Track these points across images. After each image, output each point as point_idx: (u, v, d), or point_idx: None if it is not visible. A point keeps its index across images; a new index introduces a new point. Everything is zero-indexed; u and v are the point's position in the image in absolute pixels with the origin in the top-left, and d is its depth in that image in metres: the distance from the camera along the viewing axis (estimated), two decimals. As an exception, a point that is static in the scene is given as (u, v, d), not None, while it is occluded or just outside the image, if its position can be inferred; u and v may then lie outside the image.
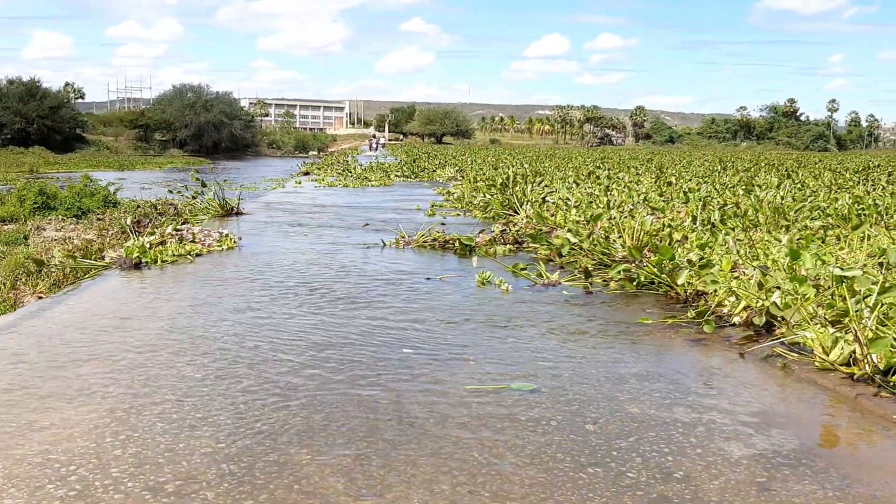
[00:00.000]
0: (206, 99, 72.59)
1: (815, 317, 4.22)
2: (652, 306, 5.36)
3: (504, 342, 4.35)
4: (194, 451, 2.76)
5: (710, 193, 11.83)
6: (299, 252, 7.60)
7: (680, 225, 8.12)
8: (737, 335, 4.49)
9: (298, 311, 5.03)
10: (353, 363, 3.87)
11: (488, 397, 3.40)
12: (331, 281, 6.08)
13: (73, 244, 9.06)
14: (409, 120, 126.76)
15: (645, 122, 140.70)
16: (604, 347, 4.31)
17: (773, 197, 10.81)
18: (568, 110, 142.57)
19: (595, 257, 6.83)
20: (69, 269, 6.89)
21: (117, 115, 77.84)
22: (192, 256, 7.12)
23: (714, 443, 2.95)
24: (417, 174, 23.41)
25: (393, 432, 2.98)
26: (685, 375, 3.81)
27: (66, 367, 3.73)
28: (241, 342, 4.23)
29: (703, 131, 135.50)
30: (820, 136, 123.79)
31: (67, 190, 15.48)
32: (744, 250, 6.43)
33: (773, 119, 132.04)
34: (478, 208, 11.74)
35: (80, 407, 3.17)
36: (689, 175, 19.32)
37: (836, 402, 3.45)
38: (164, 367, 3.73)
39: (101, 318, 4.77)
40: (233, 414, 3.12)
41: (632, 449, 2.88)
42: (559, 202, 10.53)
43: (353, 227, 9.82)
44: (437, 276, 6.37)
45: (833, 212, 9.02)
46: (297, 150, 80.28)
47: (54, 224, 13.18)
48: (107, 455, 2.71)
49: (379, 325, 4.69)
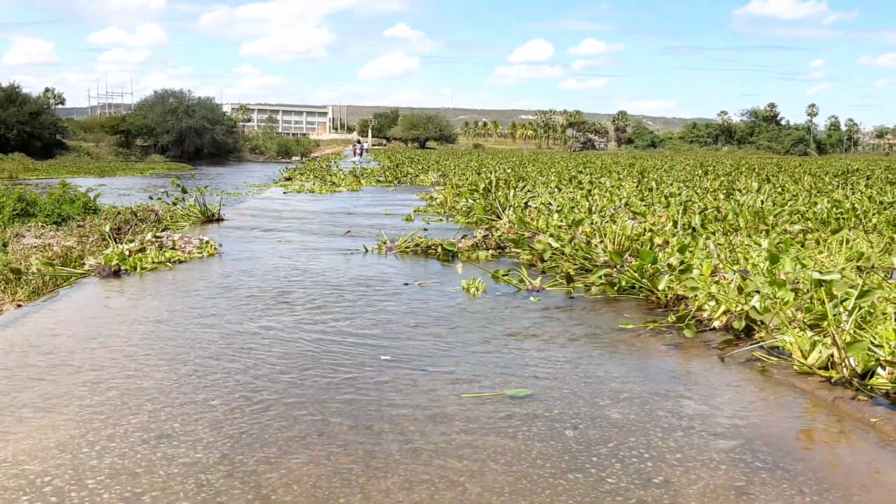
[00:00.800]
0: (188, 104, 72.27)
1: (794, 321, 4.25)
2: (633, 311, 5.38)
3: (485, 347, 4.35)
4: (172, 461, 2.73)
5: (690, 198, 11.90)
6: (280, 259, 7.57)
7: (661, 229, 8.16)
8: (717, 339, 4.51)
9: (279, 319, 5.00)
10: (333, 370, 3.85)
11: (468, 404, 3.39)
12: (312, 288, 6.06)
13: (52, 251, 8.97)
14: (392, 125, 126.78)
15: (627, 127, 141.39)
16: (584, 352, 4.31)
17: (753, 201, 10.89)
18: (551, 115, 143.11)
19: (577, 262, 6.85)
20: (48, 277, 6.83)
21: (98, 120, 77.27)
22: (172, 263, 7.07)
23: (693, 447, 2.96)
24: (400, 179, 23.41)
25: (371, 442, 2.96)
26: (665, 380, 3.82)
27: (43, 376, 3.69)
28: (221, 351, 4.20)
29: (684, 136, 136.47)
30: (800, 140, 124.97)
31: (47, 196, 15.34)
32: (724, 254, 6.47)
33: (754, 124, 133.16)
34: (461, 213, 11.74)
35: (57, 417, 3.13)
36: (671, 179, 19.44)
37: (814, 406, 3.48)
38: (141, 377, 3.70)
39: (78, 327, 4.72)
40: (211, 424, 3.10)
41: (612, 454, 2.88)
42: (541, 207, 10.55)
43: (334, 233, 9.80)
44: (415, 282, 6.36)
45: (812, 216, 9.10)
46: (279, 155, 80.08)
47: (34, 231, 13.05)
48: (83, 465, 2.68)
49: (356, 331, 4.67)
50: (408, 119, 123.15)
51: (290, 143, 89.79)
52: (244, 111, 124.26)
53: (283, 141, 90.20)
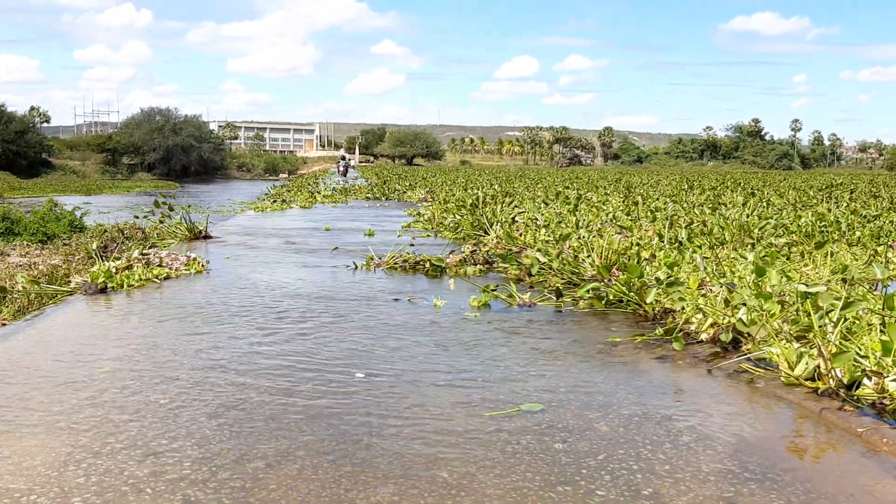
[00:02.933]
0: (174, 122, 72.23)
1: (781, 332, 4.28)
2: (621, 324, 5.39)
3: (473, 361, 4.35)
4: (159, 477, 2.71)
5: (676, 212, 11.97)
6: (268, 275, 7.56)
7: (648, 243, 8.20)
8: (704, 352, 4.53)
9: (266, 336, 4.99)
10: (320, 387, 3.84)
11: (456, 417, 3.39)
12: (300, 304, 6.04)
13: (38, 270, 8.91)
14: (379, 142, 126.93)
15: (613, 143, 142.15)
16: (573, 366, 4.32)
17: (739, 215, 10.97)
18: (537, 131, 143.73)
19: (565, 276, 6.87)
20: (34, 295, 6.78)
21: (84, 139, 77.10)
22: (159, 280, 7.04)
23: (682, 459, 2.96)
24: (388, 196, 23.46)
25: (362, 453, 2.95)
26: (654, 393, 3.84)
27: (29, 393, 3.66)
28: (207, 368, 4.18)
29: (670, 151, 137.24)
30: (784, 155, 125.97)
31: (32, 215, 15.26)
32: (711, 268, 6.51)
33: (739, 138, 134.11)
34: (448, 229, 11.76)
35: (43, 435, 3.11)
36: (657, 194, 19.55)
37: (801, 417, 3.49)
38: (128, 394, 3.68)
39: (63, 345, 4.69)
40: (198, 440, 3.08)
41: (601, 467, 2.88)
42: (528, 222, 10.59)
43: (322, 249, 9.79)
44: (405, 297, 6.36)
45: (797, 229, 9.17)
46: (267, 172, 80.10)
47: (19, 250, 12.95)
48: (69, 483, 2.65)
49: (346, 347, 4.66)
50: (395, 136, 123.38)
51: (277, 160, 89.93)
52: (231, 129, 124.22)
53: (271, 158, 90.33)
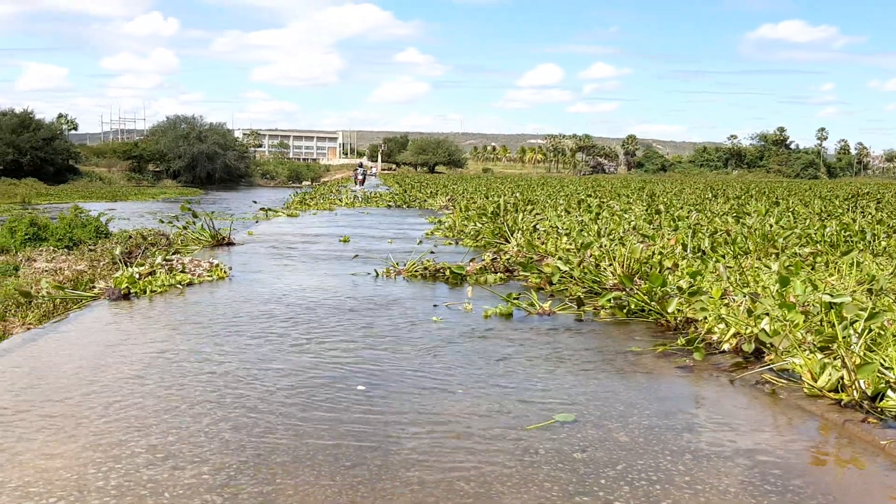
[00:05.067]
0: (199, 130, 72.88)
1: (804, 343, 4.22)
2: (642, 334, 5.36)
3: (494, 370, 4.34)
4: (177, 481, 2.73)
5: (699, 221, 11.88)
6: (290, 282, 7.59)
7: (670, 252, 8.15)
8: (726, 362, 4.49)
9: (286, 342, 5.01)
10: (343, 397, 3.85)
11: (474, 426, 3.38)
12: (321, 312, 6.06)
13: (63, 275, 9.02)
14: (401, 150, 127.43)
15: (637, 151, 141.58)
16: (593, 375, 4.29)
17: (763, 224, 10.86)
18: (560, 139, 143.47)
19: (585, 285, 6.84)
20: (59, 300, 6.86)
21: (111, 146, 77.99)
22: (182, 286, 7.10)
23: (702, 470, 2.93)
24: (409, 203, 23.52)
25: (379, 461, 2.95)
26: (674, 403, 3.80)
27: (50, 398, 3.69)
28: (228, 375, 4.20)
29: (694, 159, 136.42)
30: (810, 164, 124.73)
31: (59, 221, 15.45)
32: (734, 277, 6.44)
33: (764, 147, 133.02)
34: (469, 237, 11.75)
35: (63, 438, 3.14)
36: (680, 203, 19.42)
37: (824, 429, 3.45)
38: (148, 399, 3.71)
39: (85, 349, 4.74)
40: (217, 445, 3.09)
41: (620, 477, 2.86)
42: (550, 230, 10.55)
43: (343, 256, 9.81)
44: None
45: (822, 238, 9.06)
46: (290, 180, 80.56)
47: (45, 255, 13.12)
48: (88, 486, 2.67)
49: (364, 353, 4.67)
50: (417, 144, 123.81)
51: (300, 168, 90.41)
52: (255, 136, 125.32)
53: (294, 166, 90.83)
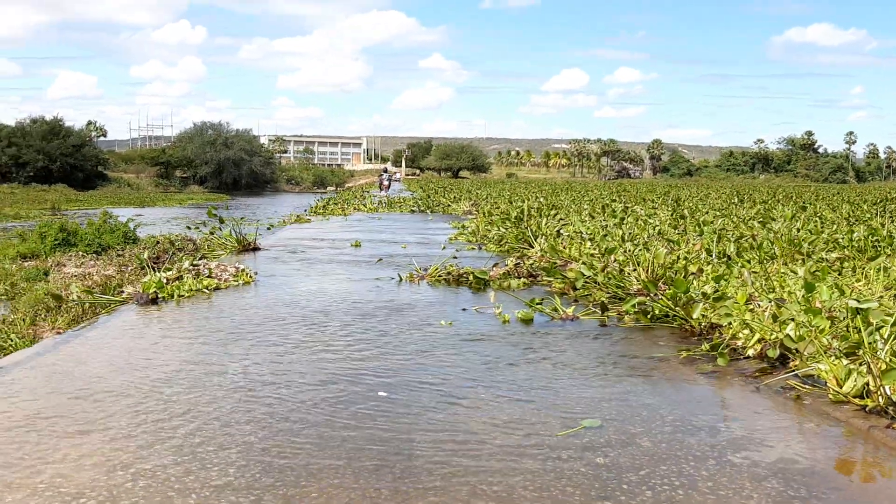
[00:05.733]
0: (226, 136, 73.57)
1: (829, 349, 4.19)
2: (666, 339, 5.34)
3: (516, 374, 4.35)
4: (204, 483, 2.77)
5: (724, 226, 11.79)
6: (315, 287, 7.65)
7: (695, 258, 8.10)
8: (751, 368, 4.46)
9: (310, 346, 5.05)
10: (366, 401, 3.88)
11: (497, 431, 3.39)
12: (345, 317, 6.11)
13: (92, 280, 9.16)
14: (426, 155, 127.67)
15: (662, 155, 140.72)
16: (616, 380, 4.29)
17: (789, 229, 10.76)
18: (584, 144, 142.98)
19: (609, 290, 6.82)
20: (88, 305, 6.97)
21: (139, 152, 78.96)
22: (209, 291, 7.18)
23: (725, 476, 2.92)
24: (433, 208, 23.59)
25: (402, 465, 2.98)
26: (698, 408, 3.79)
27: (80, 400, 3.76)
28: (256, 378, 4.25)
29: (720, 164, 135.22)
30: (838, 168, 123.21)
31: (88, 226, 15.67)
32: (759, 283, 6.40)
33: (791, 151, 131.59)
34: (492, 242, 11.76)
35: (93, 439, 3.20)
36: (706, 208, 19.28)
37: (848, 435, 3.42)
38: (175, 401, 3.76)
39: (114, 353, 4.82)
40: (243, 448, 3.14)
41: (642, 482, 2.86)
42: (574, 235, 10.53)
43: (367, 261, 9.87)
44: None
45: (849, 243, 8.96)
46: (315, 185, 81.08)
47: (74, 260, 13.32)
48: (118, 487, 2.73)
49: (387, 357, 4.70)
50: (441, 149, 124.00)
51: (325, 173, 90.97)
52: (280, 142, 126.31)
53: (319, 171, 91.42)
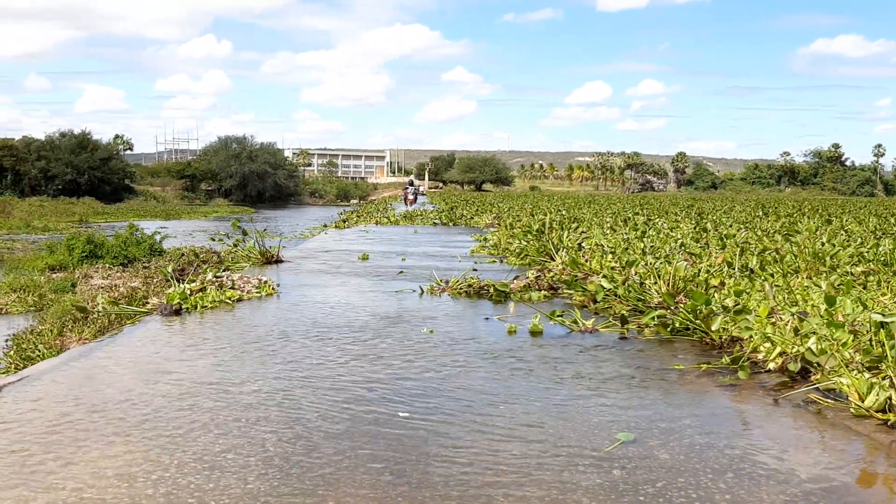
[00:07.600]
0: (250, 149, 74.39)
1: (852, 363, 4.16)
2: (686, 352, 5.32)
3: (535, 385, 4.35)
4: (224, 491, 2.81)
5: (747, 239, 11.71)
6: (336, 299, 7.70)
7: (717, 271, 8.05)
8: (771, 381, 4.44)
9: (332, 357, 5.09)
10: (385, 412, 3.91)
11: (514, 440, 3.40)
12: (371, 329, 6.14)
13: (118, 291, 9.29)
14: (448, 168, 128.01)
15: (686, 168, 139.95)
16: (636, 393, 4.28)
17: (813, 243, 10.67)
18: (608, 157, 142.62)
19: (630, 303, 6.80)
20: (113, 316, 7.08)
21: (165, 165, 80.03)
22: (231, 302, 7.26)
23: (744, 489, 2.91)
24: (455, 221, 23.65)
25: (418, 475, 2.99)
26: (717, 421, 3.77)
27: (104, 408, 3.82)
28: (274, 390, 4.30)
29: (745, 177, 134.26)
30: (866, 181, 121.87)
31: (114, 239, 15.90)
32: (782, 296, 6.35)
33: (818, 164, 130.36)
34: (514, 254, 11.77)
35: (115, 447, 3.25)
36: (730, 221, 19.16)
37: (871, 449, 3.39)
38: (196, 410, 3.81)
39: (138, 363, 4.89)
40: (262, 458, 3.17)
41: (659, 495, 2.85)
42: (595, 248, 10.51)
43: (389, 274, 9.91)
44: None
45: (874, 257, 8.87)
46: (338, 198, 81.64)
47: (101, 272, 13.53)
48: (138, 495, 2.77)
49: (407, 369, 4.73)
50: (464, 162, 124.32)
51: (348, 186, 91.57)
52: (304, 156, 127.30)
53: (342, 185, 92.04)
